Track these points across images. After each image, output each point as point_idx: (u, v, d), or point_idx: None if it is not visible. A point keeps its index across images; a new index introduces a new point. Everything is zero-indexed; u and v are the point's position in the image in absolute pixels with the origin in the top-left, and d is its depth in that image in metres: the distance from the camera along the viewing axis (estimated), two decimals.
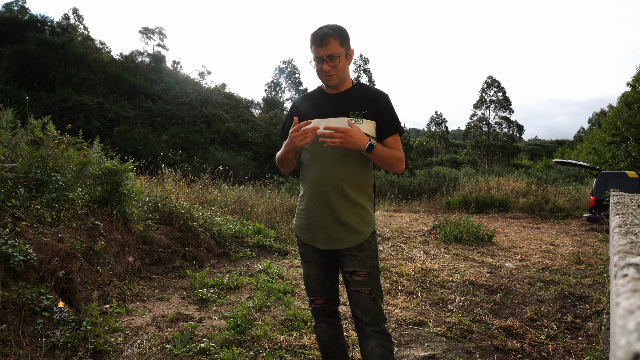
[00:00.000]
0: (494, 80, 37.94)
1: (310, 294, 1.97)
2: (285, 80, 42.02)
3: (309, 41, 1.78)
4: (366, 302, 1.80)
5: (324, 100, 1.88)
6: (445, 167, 31.46)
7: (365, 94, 1.85)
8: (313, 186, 1.83)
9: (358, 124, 1.79)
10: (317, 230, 1.84)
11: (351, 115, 1.81)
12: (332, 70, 1.76)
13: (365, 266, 1.80)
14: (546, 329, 3.04)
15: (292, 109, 1.99)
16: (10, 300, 2.38)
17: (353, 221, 1.79)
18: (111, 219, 3.89)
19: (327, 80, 1.80)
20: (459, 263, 5.16)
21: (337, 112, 1.82)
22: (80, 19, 34.25)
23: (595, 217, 8.95)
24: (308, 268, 1.94)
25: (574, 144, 40.33)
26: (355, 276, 1.81)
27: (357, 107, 1.82)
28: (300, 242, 1.95)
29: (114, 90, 24.20)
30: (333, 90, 1.88)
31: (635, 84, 18.86)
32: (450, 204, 13.04)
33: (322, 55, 1.74)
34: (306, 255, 1.93)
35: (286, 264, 5.11)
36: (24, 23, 24.43)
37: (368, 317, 1.80)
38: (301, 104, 1.95)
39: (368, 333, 1.81)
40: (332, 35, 1.72)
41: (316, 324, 2.00)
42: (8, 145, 3.47)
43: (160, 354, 2.46)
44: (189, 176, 7.30)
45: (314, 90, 1.98)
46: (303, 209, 1.89)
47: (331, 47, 1.72)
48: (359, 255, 1.80)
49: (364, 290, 1.81)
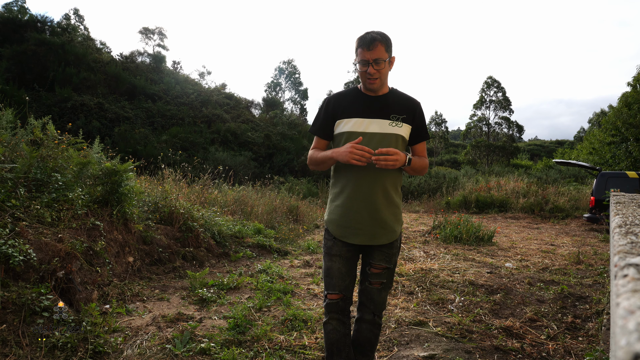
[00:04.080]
0: (494, 80, 37.92)
1: (329, 288, 2.01)
2: (285, 80, 42.01)
3: (354, 45, 1.87)
4: (373, 292, 1.99)
5: (363, 101, 1.94)
6: (445, 167, 31.45)
7: (403, 100, 1.97)
8: (355, 184, 1.90)
9: (398, 127, 1.91)
10: (354, 227, 1.92)
11: (392, 118, 1.91)
12: (376, 74, 1.84)
13: (390, 262, 1.98)
14: (546, 329, 3.04)
15: (327, 106, 2.00)
16: (10, 300, 2.38)
17: (389, 219, 1.92)
18: (111, 219, 3.89)
19: (371, 83, 1.87)
20: (459, 263, 5.16)
21: (378, 114, 1.91)
22: (81, 19, 34.25)
23: (596, 217, 8.94)
24: (332, 262, 1.99)
25: (574, 144, 40.32)
26: (375, 269, 1.97)
27: (396, 111, 1.92)
28: (330, 235, 2.01)
29: (114, 90, 24.19)
30: (372, 93, 1.94)
31: (636, 84, 18.86)
32: (450, 204, 13.04)
33: (368, 59, 1.81)
34: (334, 248, 1.98)
35: (286, 264, 5.11)
36: (24, 23, 24.42)
37: (372, 305, 2.00)
38: (339, 101, 1.98)
39: (365, 319, 2.03)
40: (380, 41, 1.81)
41: (327, 320, 2.02)
42: (8, 145, 3.47)
43: (160, 354, 2.46)
44: (189, 176, 7.29)
45: (349, 90, 2.02)
46: (340, 204, 1.95)
47: (378, 52, 1.81)
48: (389, 251, 1.97)
49: (377, 283, 1.98)
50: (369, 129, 1.89)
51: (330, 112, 1.98)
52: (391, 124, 1.90)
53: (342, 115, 1.93)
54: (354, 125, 1.90)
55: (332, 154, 1.89)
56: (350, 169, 1.92)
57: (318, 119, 2.04)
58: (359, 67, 1.87)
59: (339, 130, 1.95)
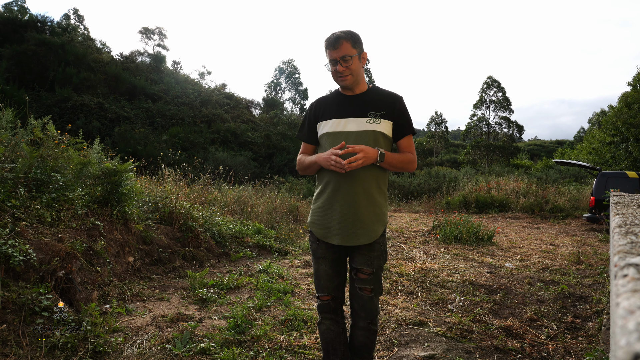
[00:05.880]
0: (494, 80, 37.92)
1: (318, 290, 2.03)
2: (285, 80, 42.02)
3: (323, 47, 1.86)
4: (364, 300, 1.94)
5: (341, 101, 1.95)
6: (445, 167, 31.46)
7: (382, 96, 1.94)
8: (335, 184, 1.88)
9: (376, 123, 1.88)
10: (333, 226, 1.89)
11: (369, 115, 1.89)
12: (345, 71, 1.84)
13: (372, 265, 1.90)
14: (546, 329, 3.04)
15: (310, 110, 2.05)
16: (10, 300, 2.38)
17: (368, 219, 1.88)
18: (111, 219, 3.89)
19: (342, 80, 1.88)
20: (458, 263, 5.16)
21: (356, 113, 1.90)
22: (81, 19, 34.26)
23: (596, 217, 8.94)
24: (319, 264, 2.00)
25: (574, 144, 40.30)
26: (361, 274, 1.92)
27: (375, 108, 1.90)
28: (314, 237, 2.01)
29: (114, 90, 24.19)
30: (349, 92, 1.95)
31: (636, 83, 18.86)
32: (450, 204, 13.04)
33: (335, 57, 1.83)
34: (318, 251, 1.99)
35: (286, 264, 5.11)
36: (24, 23, 24.42)
37: (363, 313, 1.95)
38: (320, 106, 2.02)
39: (359, 326, 1.99)
40: (344, 38, 1.81)
41: (321, 320, 2.05)
42: (8, 145, 3.47)
43: (160, 354, 2.46)
44: (189, 176, 7.29)
45: (331, 93, 2.05)
46: (320, 205, 1.95)
47: (344, 49, 1.81)
48: (369, 254, 1.90)
49: (366, 289, 1.93)
50: (347, 128, 1.88)
51: (312, 116, 2.02)
52: (369, 121, 1.87)
53: (322, 117, 1.96)
54: (332, 125, 1.91)
55: (317, 159, 1.90)
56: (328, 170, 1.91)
57: (304, 125, 2.08)
58: (329, 68, 1.89)
59: (320, 132, 1.97)
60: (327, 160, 1.81)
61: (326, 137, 1.92)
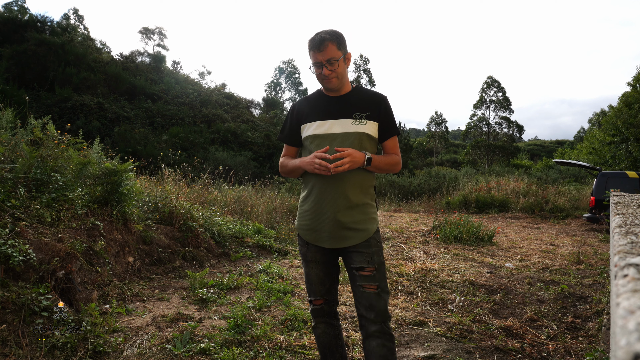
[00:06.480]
0: (494, 80, 37.94)
1: (310, 294, 2.00)
2: (285, 80, 42.05)
3: (306, 47, 1.81)
4: (371, 298, 1.81)
5: (325, 102, 1.90)
6: (445, 167, 31.47)
7: (366, 96, 1.90)
8: (321, 187, 1.84)
9: (362, 124, 1.84)
10: (323, 230, 1.85)
11: (355, 117, 1.85)
12: (332, 74, 1.80)
13: (373, 262, 1.83)
14: (546, 329, 3.04)
15: (292, 112, 2.00)
16: (10, 300, 2.38)
17: (359, 219, 1.83)
18: (111, 219, 3.89)
19: (328, 83, 1.83)
20: (459, 263, 5.16)
21: (340, 114, 1.86)
22: (81, 19, 34.29)
23: (596, 217, 8.94)
24: (309, 268, 1.95)
25: (574, 144, 40.32)
26: (363, 272, 1.83)
27: (359, 109, 1.86)
28: (302, 241, 1.96)
29: (114, 90, 24.21)
30: (334, 93, 1.91)
31: (636, 83, 18.86)
32: (450, 204, 13.04)
33: (321, 60, 1.77)
34: (308, 254, 1.94)
35: (286, 264, 5.11)
36: (23, 23, 24.43)
37: (372, 314, 1.80)
38: (302, 107, 1.96)
39: (371, 332, 1.81)
40: (330, 40, 1.76)
41: (315, 324, 2.02)
42: (8, 145, 3.47)
43: (160, 354, 2.46)
44: (189, 176, 7.30)
45: (314, 93, 1.99)
46: (307, 209, 1.91)
47: (329, 52, 1.76)
48: (366, 251, 1.83)
49: (371, 287, 1.82)
50: (332, 130, 1.84)
51: (294, 118, 1.96)
52: (354, 122, 1.83)
53: (306, 119, 1.91)
54: (317, 128, 1.86)
55: (300, 163, 1.87)
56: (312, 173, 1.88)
57: (285, 126, 2.03)
58: (314, 70, 1.83)
59: (303, 134, 1.93)
60: (310, 164, 1.78)
61: (311, 139, 1.88)
